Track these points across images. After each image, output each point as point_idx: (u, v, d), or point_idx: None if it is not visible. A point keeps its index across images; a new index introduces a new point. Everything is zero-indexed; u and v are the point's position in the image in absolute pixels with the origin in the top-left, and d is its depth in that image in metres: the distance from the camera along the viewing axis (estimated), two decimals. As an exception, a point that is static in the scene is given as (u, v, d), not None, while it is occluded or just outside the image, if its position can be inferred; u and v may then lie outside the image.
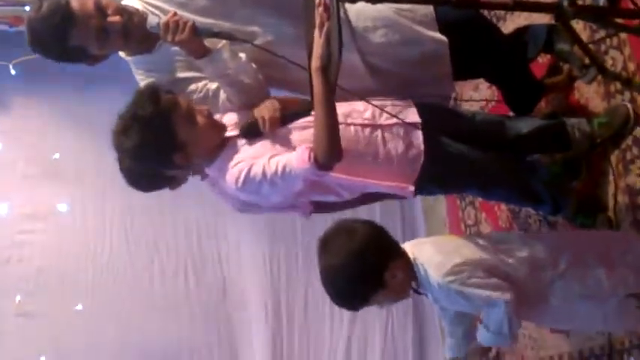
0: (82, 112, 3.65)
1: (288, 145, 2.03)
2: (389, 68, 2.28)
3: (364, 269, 1.74)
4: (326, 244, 1.81)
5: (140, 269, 3.55)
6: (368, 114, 2.11)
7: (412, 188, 2.08)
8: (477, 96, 3.12)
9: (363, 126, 2.09)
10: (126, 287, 3.52)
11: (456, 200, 3.38)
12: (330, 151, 1.86)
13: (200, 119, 1.94)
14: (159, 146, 1.88)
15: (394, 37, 2.24)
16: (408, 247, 1.85)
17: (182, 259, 3.59)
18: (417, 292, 1.86)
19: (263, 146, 2.02)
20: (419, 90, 2.31)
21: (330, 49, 1.81)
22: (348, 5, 2.01)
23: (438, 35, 2.26)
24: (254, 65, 2.14)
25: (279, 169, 1.91)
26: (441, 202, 3.55)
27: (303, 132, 2.03)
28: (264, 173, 1.93)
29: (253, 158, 1.96)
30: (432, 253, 1.81)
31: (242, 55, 2.13)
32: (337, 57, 1.82)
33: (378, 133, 2.09)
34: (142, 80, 2.22)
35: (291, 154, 1.92)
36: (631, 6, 2.17)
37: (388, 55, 2.26)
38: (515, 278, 1.77)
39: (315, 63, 1.81)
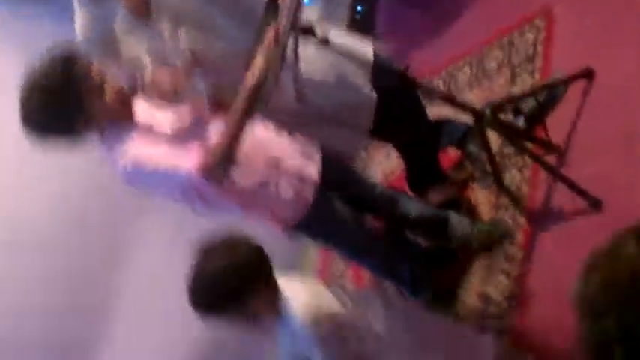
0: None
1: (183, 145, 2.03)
2: (317, 101, 2.30)
3: (229, 287, 1.73)
4: (206, 249, 1.79)
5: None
6: (275, 152, 2.17)
7: (284, 232, 2.21)
8: (387, 164, 3.19)
9: (267, 162, 2.13)
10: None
11: (330, 248, 3.43)
12: (221, 163, 1.91)
13: (110, 95, 1.93)
14: (61, 112, 1.88)
15: (331, 78, 2.32)
16: (280, 280, 1.85)
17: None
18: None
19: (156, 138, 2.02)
20: (335, 132, 2.38)
21: (266, 72, 1.84)
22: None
23: (370, 90, 2.35)
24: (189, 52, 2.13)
25: (163, 166, 1.95)
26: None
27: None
28: (146, 166, 1.95)
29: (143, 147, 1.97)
30: (301, 293, 1.81)
31: (182, 37, 2.10)
32: (273, 80, 1.86)
33: (277, 175, 2.15)
34: (78, 17, 2.15)
35: (182, 155, 1.96)
36: (544, 136, 2.35)
37: (320, 91, 2.30)
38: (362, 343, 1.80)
39: (249, 81, 1.84)
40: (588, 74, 2.31)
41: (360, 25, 3.54)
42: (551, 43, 2.62)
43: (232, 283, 1.72)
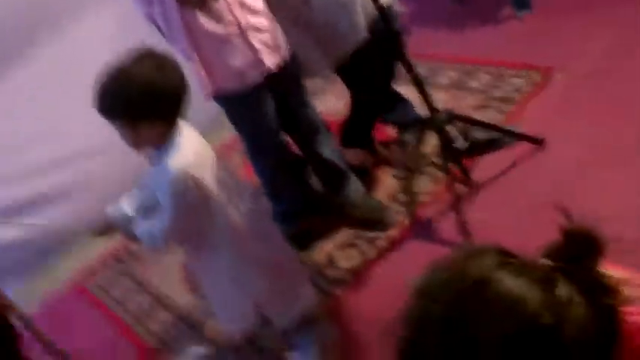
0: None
1: None
2: (315, 7, 2.35)
3: (133, 101, 1.65)
4: (138, 55, 1.71)
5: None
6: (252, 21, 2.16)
7: (210, 92, 2.20)
8: (333, 104, 3.19)
9: (239, 23, 2.14)
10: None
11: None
12: None
13: None
14: None
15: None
16: (182, 123, 1.81)
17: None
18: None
19: None
20: (311, 45, 2.40)
21: None
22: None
23: (363, 30, 2.37)
24: None
25: None
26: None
27: None
28: None
29: None
30: (193, 146, 1.78)
31: None
32: None
33: (240, 40, 2.15)
34: None
35: None
36: (469, 167, 2.43)
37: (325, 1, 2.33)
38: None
39: None
40: (540, 143, 2.41)
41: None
42: (534, 98, 2.70)
43: (138, 98, 1.67)
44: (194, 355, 2.38)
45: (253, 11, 2.18)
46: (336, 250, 2.51)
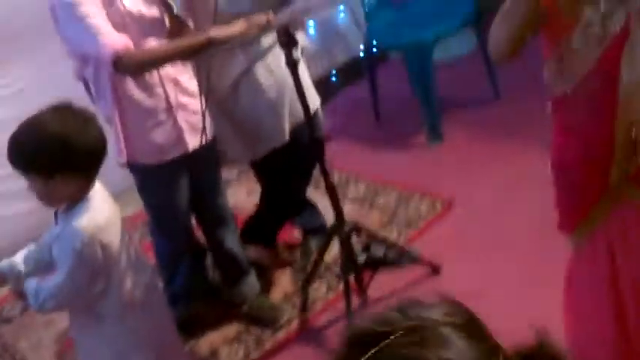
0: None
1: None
2: (244, 99, 2.46)
3: (51, 153, 1.63)
4: (59, 106, 1.71)
5: None
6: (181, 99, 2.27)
7: (123, 161, 2.25)
8: (242, 199, 3.26)
9: (169, 99, 2.23)
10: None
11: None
12: (141, 67, 2.07)
13: None
14: None
15: (272, 94, 2.43)
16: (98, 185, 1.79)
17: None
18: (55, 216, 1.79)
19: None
20: (231, 134, 2.49)
21: (234, 37, 2.11)
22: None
23: (286, 131, 2.46)
24: None
25: (92, 21, 2.01)
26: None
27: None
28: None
29: None
30: (104, 210, 1.75)
31: None
32: (234, 45, 2.20)
33: (165, 117, 2.24)
34: None
35: (112, 32, 2.04)
36: (366, 281, 2.50)
37: (255, 93, 2.43)
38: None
39: (216, 31, 2.07)
40: (435, 270, 2.54)
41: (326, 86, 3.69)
42: (434, 225, 2.85)
43: (51, 151, 1.64)
44: None
45: (185, 91, 2.26)
46: (222, 342, 2.48)
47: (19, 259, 1.82)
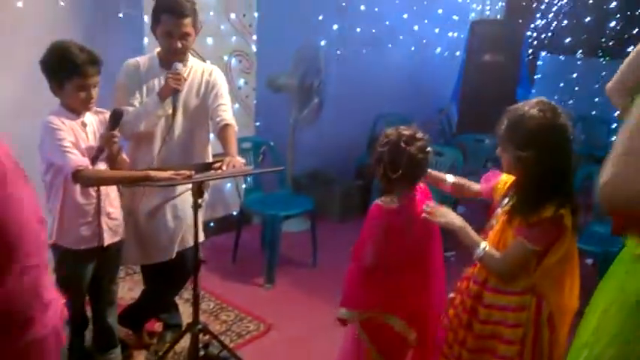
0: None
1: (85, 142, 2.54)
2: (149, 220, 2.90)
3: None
4: None
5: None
6: (108, 207, 2.67)
7: (52, 241, 2.57)
8: (129, 293, 3.68)
9: (98, 205, 2.63)
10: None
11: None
12: (92, 182, 2.51)
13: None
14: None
15: (168, 216, 2.91)
16: None
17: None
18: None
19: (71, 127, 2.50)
20: (130, 238, 2.88)
21: (162, 182, 2.53)
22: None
23: (174, 251, 2.96)
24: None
25: (64, 143, 2.44)
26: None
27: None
28: (57, 132, 2.45)
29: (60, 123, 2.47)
30: None
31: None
32: (163, 187, 2.68)
33: (94, 217, 2.63)
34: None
35: (77, 154, 2.45)
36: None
37: (157, 216, 2.88)
38: None
39: (153, 174, 2.50)
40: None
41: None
42: (257, 341, 3.35)
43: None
44: None
45: (112, 204, 2.68)
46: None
47: None
